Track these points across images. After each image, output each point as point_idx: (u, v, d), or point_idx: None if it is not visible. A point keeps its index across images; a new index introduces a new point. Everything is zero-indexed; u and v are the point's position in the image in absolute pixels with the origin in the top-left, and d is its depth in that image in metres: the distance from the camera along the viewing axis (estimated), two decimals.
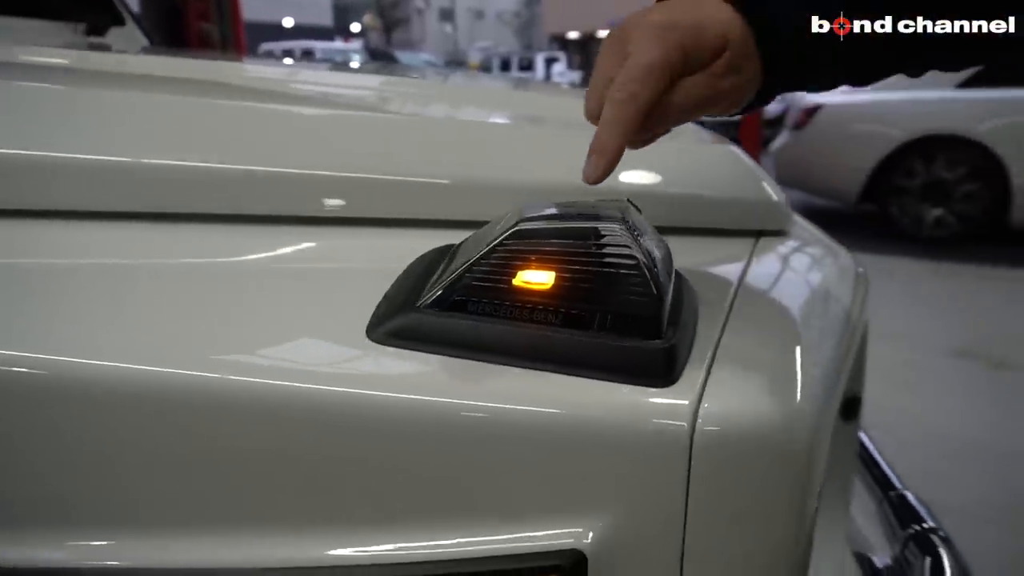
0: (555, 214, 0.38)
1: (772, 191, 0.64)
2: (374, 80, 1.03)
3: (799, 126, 5.26)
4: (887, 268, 4.07)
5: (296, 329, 0.39)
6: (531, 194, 0.52)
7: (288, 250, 0.48)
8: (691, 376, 0.37)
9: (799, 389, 0.38)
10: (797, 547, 0.38)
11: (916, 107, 4.71)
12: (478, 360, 0.36)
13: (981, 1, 0.42)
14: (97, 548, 0.37)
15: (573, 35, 34.43)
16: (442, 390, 0.35)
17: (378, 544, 0.35)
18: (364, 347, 0.37)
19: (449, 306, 0.37)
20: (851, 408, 0.79)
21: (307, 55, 15.16)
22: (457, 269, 0.37)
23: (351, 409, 0.35)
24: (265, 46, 15.02)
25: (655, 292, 0.36)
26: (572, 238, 0.37)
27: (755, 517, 0.36)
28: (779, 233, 0.64)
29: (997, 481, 2.08)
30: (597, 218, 0.38)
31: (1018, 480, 2.18)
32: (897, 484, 0.82)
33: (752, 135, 5.28)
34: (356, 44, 21.78)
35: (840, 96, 5.34)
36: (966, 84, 4.48)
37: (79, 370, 0.36)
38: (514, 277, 0.37)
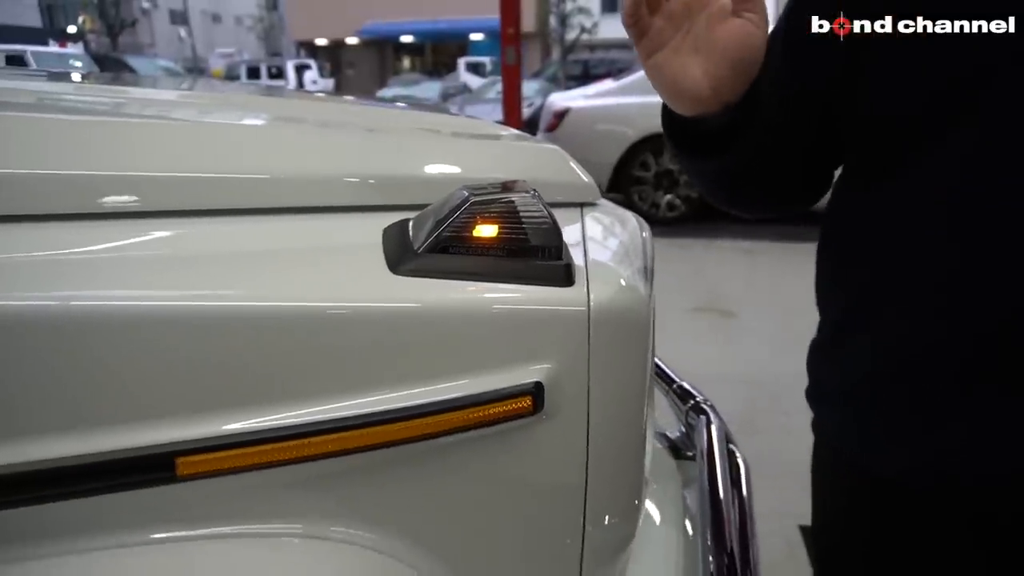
0: (495, 190, 0.61)
1: (585, 176, 0.92)
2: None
3: (551, 128, 5.88)
4: None
5: (333, 273, 0.58)
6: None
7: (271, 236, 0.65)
8: (580, 280, 0.62)
9: (639, 283, 0.66)
10: (645, 383, 0.65)
11: (644, 109, 5.52)
12: (465, 280, 0.58)
13: None
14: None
15: (322, 42, 33.79)
16: (457, 299, 0.57)
17: (405, 390, 0.56)
18: (394, 280, 0.57)
19: (438, 251, 0.58)
20: None
21: (14, 61, 12.73)
22: (437, 229, 0.59)
23: (394, 317, 0.55)
24: None
25: (558, 233, 0.61)
26: (507, 203, 0.60)
27: (625, 359, 0.63)
28: (593, 204, 0.93)
29: (735, 399, 2.67)
30: (520, 191, 0.61)
31: (751, 394, 2.79)
32: (675, 378, 1.16)
33: None
34: (75, 49, 19.35)
35: (583, 101, 6.07)
36: None
37: None
38: (474, 230, 0.59)
